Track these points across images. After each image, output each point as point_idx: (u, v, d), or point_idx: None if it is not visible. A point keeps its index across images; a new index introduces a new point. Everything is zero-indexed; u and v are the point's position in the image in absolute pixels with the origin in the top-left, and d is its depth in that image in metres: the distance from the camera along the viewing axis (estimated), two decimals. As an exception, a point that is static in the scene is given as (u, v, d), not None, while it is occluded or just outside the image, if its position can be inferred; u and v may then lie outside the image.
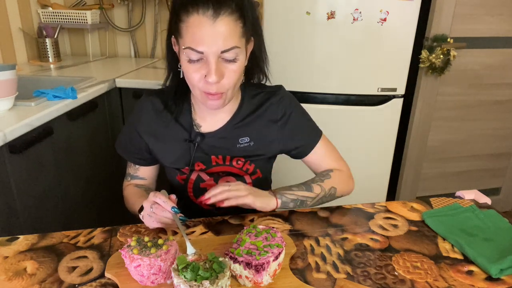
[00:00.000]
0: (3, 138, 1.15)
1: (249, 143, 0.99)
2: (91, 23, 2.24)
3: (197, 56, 0.81)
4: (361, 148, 1.97)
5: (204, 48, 0.79)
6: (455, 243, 0.82)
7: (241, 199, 0.84)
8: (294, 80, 1.87)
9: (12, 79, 1.31)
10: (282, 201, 0.91)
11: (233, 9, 0.80)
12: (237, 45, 0.81)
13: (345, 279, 0.72)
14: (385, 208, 0.98)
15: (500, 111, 2.29)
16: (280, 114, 1.00)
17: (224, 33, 0.79)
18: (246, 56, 0.89)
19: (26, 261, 0.76)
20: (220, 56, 0.81)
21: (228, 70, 0.83)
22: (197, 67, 0.83)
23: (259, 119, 0.99)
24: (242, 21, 0.82)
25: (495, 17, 2.06)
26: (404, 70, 1.89)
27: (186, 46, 0.81)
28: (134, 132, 1.02)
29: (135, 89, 1.85)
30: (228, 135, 0.98)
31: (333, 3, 1.75)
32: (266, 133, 1.00)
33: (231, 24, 0.80)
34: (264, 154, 1.01)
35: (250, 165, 1.01)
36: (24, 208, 1.29)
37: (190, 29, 0.79)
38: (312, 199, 0.95)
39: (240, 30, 0.82)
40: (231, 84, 0.85)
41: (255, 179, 1.04)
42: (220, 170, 1.01)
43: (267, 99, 1.00)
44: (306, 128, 1.03)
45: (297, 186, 0.95)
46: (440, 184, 2.41)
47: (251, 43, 0.91)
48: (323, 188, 0.96)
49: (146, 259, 0.66)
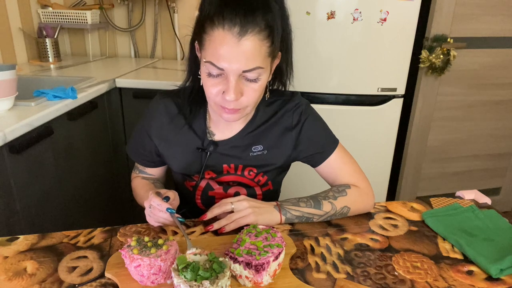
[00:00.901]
0: (3, 138, 1.15)
1: (262, 152, 0.96)
2: (91, 23, 2.24)
3: (217, 72, 0.77)
4: (361, 148, 1.97)
5: (225, 65, 0.76)
6: (455, 243, 0.82)
7: (242, 220, 0.83)
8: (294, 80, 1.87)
9: (12, 79, 1.31)
10: (286, 217, 0.87)
11: (261, 28, 0.75)
12: (261, 65, 0.77)
13: (345, 279, 0.72)
14: (385, 208, 0.98)
15: (500, 111, 2.29)
16: (295, 121, 0.96)
17: (248, 53, 0.75)
18: (270, 73, 0.85)
19: (26, 261, 0.76)
20: (242, 74, 0.78)
21: (248, 89, 0.80)
22: (216, 81, 0.79)
23: (273, 127, 0.96)
24: (270, 40, 0.78)
25: (495, 17, 2.06)
26: (404, 70, 1.89)
27: (207, 60, 0.77)
28: (145, 134, 0.99)
29: (135, 89, 1.85)
30: (241, 144, 0.95)
31: (333, 3, 1.75)
32: (280, 140, 0.96)
33: (257, 44, 0.75)
34: (277, 162, 0.98)
35: (263, 177, 0.99)
36: (24, 208, 1.29)
37: (213, 44, 0.76)
38: (320, 217, 0.90)
39: (266, 50, 0.77)
40: (250, 102, 0.82)
41: (265, 190, 1.02)
42: (231, 180, 0.98)
43: (283, 107, 0.96)
44: (321, 136, 0.98)
45: (306, 201, 0.89)
46: (440, 184, 2.41)
47: (278, 59, 0.87)
48: (334, 206, 0.90)
49: (146, 259, 0.66)
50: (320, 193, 0.93)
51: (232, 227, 0.83)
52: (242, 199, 0.86)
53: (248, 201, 0.86)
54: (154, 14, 2.38)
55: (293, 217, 0.88)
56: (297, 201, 0.90)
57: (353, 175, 0.96)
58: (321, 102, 1.91)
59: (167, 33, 2.42)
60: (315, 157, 0.97)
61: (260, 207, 0.86)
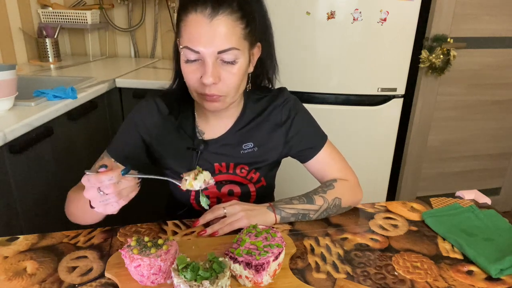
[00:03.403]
0: (3, 138, 1.15)
1: (253, 149, 0.96)
2: (91, 23, 2.24)
3: (194, 56, 0.79)
4: (361, 148, 1.97)
5: (200, 47, 0.77)
6: (455, 243, 0.82)
7: (236, 223, 0.82)
8: (294, 80, 1.87)
9: (12, 79, 1.31)
10: (281, 216, 0.87)
11: (233, 9, 0.77)
12: (236, 46, 0.79)
13: (345, 279, 0.72)
14: (385, 208, 0.98)
15: (500, 111, 2.29)
16: (284, 117, 0.97)
17: (221, 32, 0.77)
18: (250, 61, 0.86)
19: (26, 261, 0.76)
20: (218, 57, 0.79)
21: (226, 72, 0.81)
22: (194, 67, 0.81)
23: (263, 124, 0.97)
24: (244, 22, 0.79)
25: (495, 17, 2.06)
26: (404, 70, 1.89)
27: (184, 45, 0.79)
28: (133, 132, 0.95)
29: (135, 89, 1.85)
30: (232, 142, 0.96)
31: (333, 3, 1.75)
32: (271, 137, 0.97)
33: (229, 24, 0.77)
34: (268, 159, 0.98)
35: (255, 174, 0.99)
36: (24, 208, 1.29)
37: (188, 28, 0.78)
38: (315, 212, 0.90)
39: (240, 31, 0.79)
40: (230, 87, 0.82)
41: (259, 187, 1.02)
42: (223, 179, 0.98)
43: (271, 103, 0.97)
44: (311, 132, 1.00)
45: (298, 199, 0.90)
46: (440, 184, 2.41)
47: (258, 48, 0.88)
48: (325, 199, 0.91)
49: (146, 259, 0.66)
50: (309, 191, 0.94)
51: (225, 230, 0.82)
52: (234, 203, 0.86)
53: (240, 205, 0.86)
54: (154, 14, 2.38)
55: (288, 215, 0.88)
56: (290, 199, 0.90)
57: (341, 170, 0.99)
58: (321, 102, 1.91)
59: (167, 33, 2.42)
60: (305, 152, 0.99)
61: (253, 210, 0.86)
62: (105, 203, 0.66)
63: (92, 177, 0.63)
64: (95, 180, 0.63)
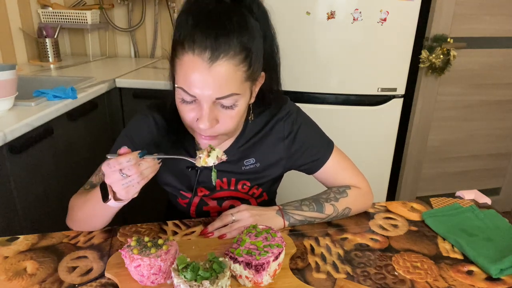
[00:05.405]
0: (3, 138, 1.15)
1: (254, 165, 0.92)
2: (91, 23, 2.24)
3: (190, 98, 0.73)
4: (361, 148, 1.97)
5: (197, 92, 0.71)
6: (455, 243, 0.82)
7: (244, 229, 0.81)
8: (294, 80, 1.87)
9: (12, 79, 1.31)
10: (290, 222, 0.86)
11: (236, 52, 0.70)
12: (236, 92, 0.72)
13: (345, 279, 0.72)
14: (385, 208, 0.98)
15: (500, 111, 2.29)
16: (287, 130, 0.91)
17: (221, 79, 0.70)
18: (251, 96, 0.80)
19: (26, 261, 0.76)
20: (216, 102, 0.73)
21: (225, 116, 0.75)
22: (190, 107, 0.75)
23: (265, 139, 0.92)
24: (247, 63, 0.72)
25: (495, 17, 2.06)
26: (404, 70, 1.89)
27: (179, 85, 0.73)
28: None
29: (135, 89, 1.85)
30: (232, 158, 0.91)
31: (333, 3, 1.75)
32: (273, 152, 0.92)
33: (230, 69, 0.70)
34: (271, 174, 0.95)
35: (257, 190, 0.96)
36: (24, 208, 1.29)
37: (184, 69, 0.71)
38: (322, 219, 0.89)
39: (242, 74, 0.72)
40: (227, 130, 0.78)
41: (260, 202, 1.00)
42: (225, 195, 0.96)
43: (273, 117, 0.91)
44: (316, 142, 0.94)
45: (308, 204, 0.88)
46: (440, 184, 2.41)
47: (261, 78, 0.82)
48: (336, 209, 0.89)
49: (146, 259, 0.66)
50: (321, 193, 0.92)
51: (234, 234, 0.81)
52: (243, 209, 0.85)
53: (249, 210, 0.84)
54: (154, 14, 2.38)
55: (296, 221, 0.87)
56: (300, 204, 0.88)
57: (352, 178, 0.95)
58: (321, 102, 1.91)
59: (167, 33, 2.42)
60: (311, 164, 0.94)
61: (262, 215, 0.84)
62: (127, 185, 0.68)
63: (112, 161, 0.66)
64: (115, 162, 0.66)
